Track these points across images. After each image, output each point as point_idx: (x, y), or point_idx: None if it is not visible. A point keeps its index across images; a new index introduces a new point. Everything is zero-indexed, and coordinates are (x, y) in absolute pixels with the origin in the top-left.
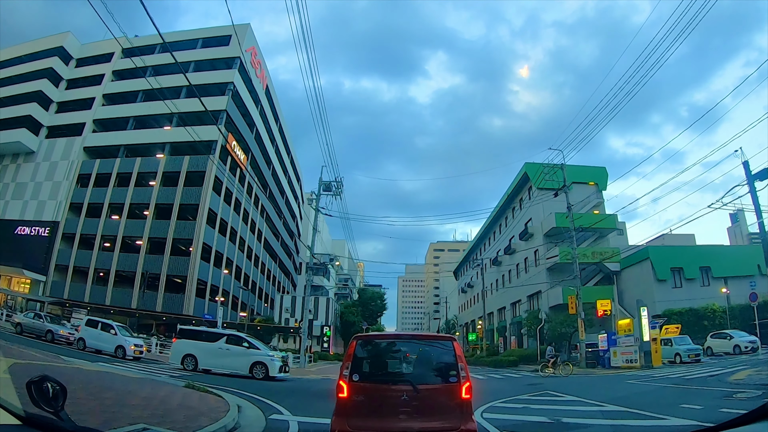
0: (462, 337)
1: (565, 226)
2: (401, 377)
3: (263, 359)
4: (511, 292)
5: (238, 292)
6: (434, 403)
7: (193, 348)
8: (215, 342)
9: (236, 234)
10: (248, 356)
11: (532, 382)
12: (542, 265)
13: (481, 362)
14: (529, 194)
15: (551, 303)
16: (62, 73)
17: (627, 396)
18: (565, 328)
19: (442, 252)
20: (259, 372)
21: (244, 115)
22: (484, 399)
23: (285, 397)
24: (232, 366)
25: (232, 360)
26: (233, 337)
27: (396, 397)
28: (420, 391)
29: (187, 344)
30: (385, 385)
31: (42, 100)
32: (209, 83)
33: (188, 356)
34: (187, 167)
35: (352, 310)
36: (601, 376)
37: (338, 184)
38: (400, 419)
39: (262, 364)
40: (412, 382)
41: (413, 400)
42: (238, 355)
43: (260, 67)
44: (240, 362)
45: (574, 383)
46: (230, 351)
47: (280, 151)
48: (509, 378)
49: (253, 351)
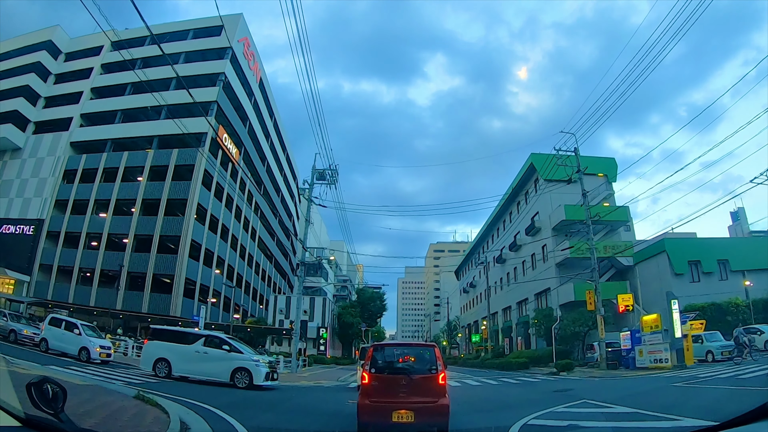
0: (464, 339)
1: (575, 219)
2: (401, 370)
3: (246, 365)
4: (516, 291)
5: (230, 292)
6: (422, 386)
7: (167, 351)
8: (192, 344)
9: (228, 232)
10: (229, 361)
11: (556, 387)
12: (551, 260)
13: (487, 365)
14: (535, 187)
15: (561, 300)
16: (50, 68)
17: (708, 405)
18: (578, 327)
19: (442, 253)
20: (241, 380)
21: (236, 109)
22: (512, 414)
23: (261, 412)
24: (210, 372)
25: (211, 365)
26: (212, 339)
27: (398, 382)
28: (413, 379)
29: (160, 347)
30: (391, 375)
31: (29, 95)
32: (199, 74)
33: (161, 360)
34: (176, 161)
35: (351, 311)
36: (633, 379)
37: (333, 173)
38: (400, 396)
39: (245, 371)
40: (408, 373)
41: (409, 385)
42: (218, 360)
43: (254, 59)
44: (219, 368)
45: (607, 388)
46: (208, 355)
47: (276, 148)
48: (526, 383)
49: (234, 355)
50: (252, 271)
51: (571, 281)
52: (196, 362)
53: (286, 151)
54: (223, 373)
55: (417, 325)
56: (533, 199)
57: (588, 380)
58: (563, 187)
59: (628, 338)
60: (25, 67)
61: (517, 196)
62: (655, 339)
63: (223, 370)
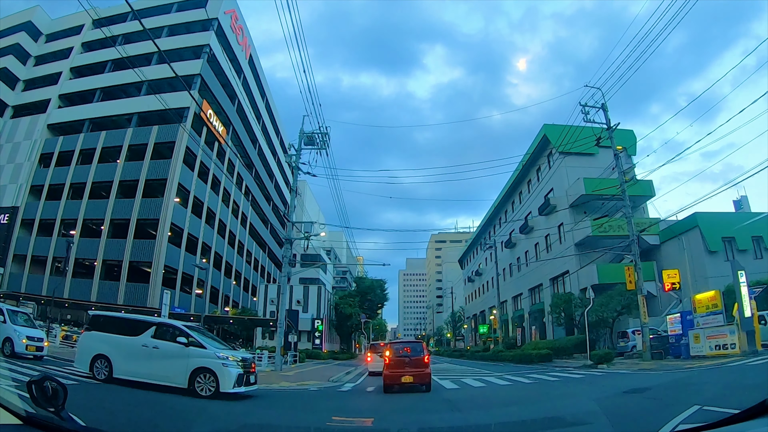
0: (470, 330)
1: (596, 193)
2: (404, 355)
3: (209, 363)
4: (528, 277)
5: (218, 282)
6: (416, 363)
7: (107, 345)
8: (138, 336)
9: (215, 216)
10: (185, 359)
11: (618, 385)
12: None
13: (501, 358)
14: (548, 162)
15: (583, 284)
16: (30, 50)
17: None
18: (606, 312)
19: (444, 243)
20: (204, 385)
21: (224, 86)
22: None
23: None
24: (161, 374)
25: (162, 365)
26: (165, 329)
27: (403, 362)
28: (411, 359)
29: (99, 339)
30: (399, 358)
31: (8, 78)
32: (183, 47)
33: (99, 358)
34: (156, 138)
35: (349, 301)
36: (714, 371)
37: (323, 136)
38: (405, 369)
39: (208, 372)
40: (408, 356)
41: (409, 363)
42: (171, 358)
43: (242, 33)
44: (173, 368)
45: (698, 384)
46: (159, 351)
47: (268, 131)
48: (569, 380)
49: (193, 350)
50: (243, 261)
51: (594, 262)
52: (143, 360)
53: (280, 135)
54: (178, 375)
55: (419, 318)
56: (547, 175)
57: (649, 374)
58: (581, 159)
59: (677, 322)
60: (3, 50)
61: (528, 173)
62: (714, 321)
63: (179, 372)
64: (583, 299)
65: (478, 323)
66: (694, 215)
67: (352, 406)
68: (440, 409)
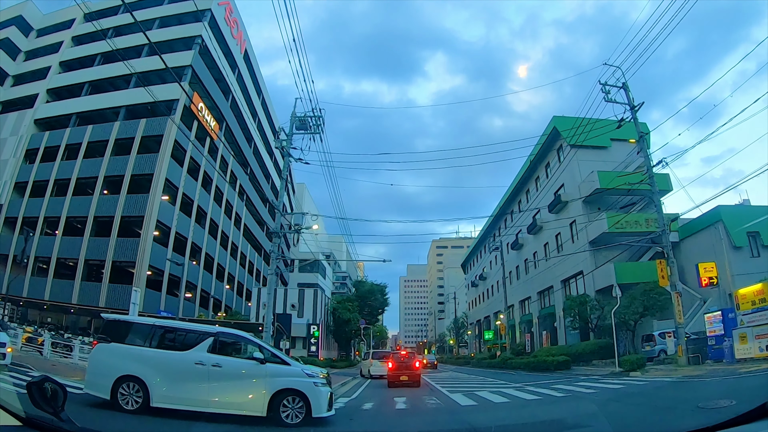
0: (474, 336)
1: (612, 187)
2: (402, 362)
3: (298, 384)
4: (537, 279)
5: (209, 285)
6: (410, 367)
7: (139, 363)
8: (189, 350)
9: (206, 216)
10: (263, 379)
11: (685, 395)
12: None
13: (511, 365)
14: (558, 157)
15: (598, 285)
16: (20, 45)
17: None
18: (627, 315)
19: (445, 249)
20: (292, 410)
21: (217, 80)
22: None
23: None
24: (226, 400)
25: (227, 388)
26: (229, 341)
27: (402, 366)
28: (407, 365)
29: (125, 354)
30: (399, 363)
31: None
32: (174, 38)
33: (127, 380)
34: (143, 132)
35: (348, 305)
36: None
37: (316, 119)
38: (403, 371)
39: (295, 395)
40: (405, 362)
41: (406, 367)
42: (241, 378)
43: (237, 26)
44: (245, 392)
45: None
46: (222, 370)
47: (264, 129)
48: (612, 391)
49: (272, 368)
50: (236, 264)
51: (611, 261)
52: (198, 383)
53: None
54: (252, 401)
55: (420, 324)
56: (557, 171)
57: (704, 382)
58: (593, 152)
59: (718, 321)
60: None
61: (536, 170)
62: (763, 317)
63: (256, 397)
64: (600, 301)
65: (483, 329)
66: (717, 208)
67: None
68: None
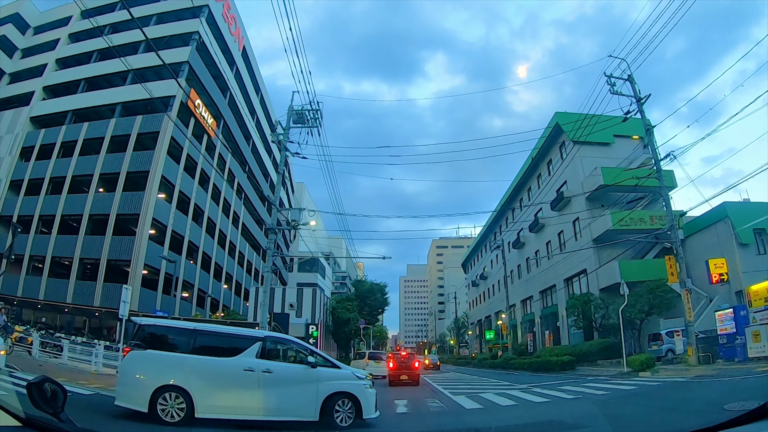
0: (475, 336)
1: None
2: (402, 361)
3: (350, 387)
4: (540, 278)
5: (206, 284)
6: (410, 367)
7: (181, 371)
8: (236, 356)
9: (203, 214)
10: (315, 384)
11: (718, 396)
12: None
13: (513, 366)
14: (561, 153)
15: (602, 284)
16: (17, 43)
17: None
18: (632, 313)
19: (445, 249)
20: (343, 413)
21: (215, 77)
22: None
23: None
24: (278, 406)
25: (279, 394)
26: (279, 347)
27: (402, 365)
28: (407, 365)
29: (164, 362)
30: (399, 363)
31: None
32: (171, 35)
33: (168, 390)
34: (139, 128)
35: (347, 305)
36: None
37: (314, 113)
38: (402, 370)
39: (345, 398)
40: (405, 362)
41: (405, 366)
42: (293, 384)
43: (235, 23)
44: (297, 397)
45: None
46: (273, 375)
47: (263, 127)
48: (624, 393)
49: (324, 372)
50: (234, 263)
51: (615, 259)
52: (248, 390)
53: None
54: (305, 406)
55: (420, 325)
56: (560, 168)
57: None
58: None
59: (729, 319)
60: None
61: (537, 167)
62: None
63: (306, 401)
64: (604, 300)
65: (484, 329)
66: (723, 205)
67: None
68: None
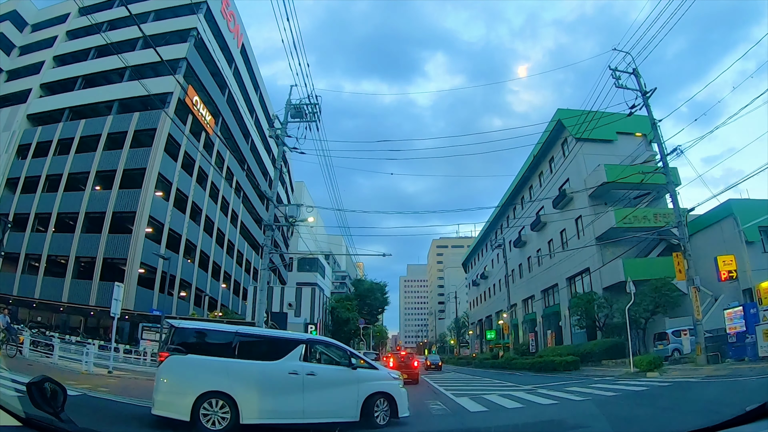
0: (475, 336)
1: (619, 180)
2: (402, 360)
3: (388, 387)
4: (541, 277)
5: (204, 284)
6: (409, 366)
7: (225, 377)
8: (280, 359)
9: (201, 212)
10: (356, 384)
11: (734, 397)
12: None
13: (515, 366)
14: (563, 151)
15: (605, 283)
16: (15, 41)
17: None
18: (637, 312)
19: (445, 248)
20: (381, 412)
21: (213, 75)
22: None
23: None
24: (322, 408)
25: (323, 396)
26: (321, 349)
27: (401, 365)
28: (406, 364)
29: (206, 368)
30: (400, 362)
31: None
32: (169, 31)
33: (211, 397)
34: (136, 125)
35: (347, 304)
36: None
37: (313, 107)
38: (402, 369)
39: (383, 397)
40: (404, 361)
41: (405, 366)
42: (336, 385)
43: (234, 20)
44: (340, 399)
45: None
46: (317, 378)
47: (262, 125)
48: (634, 394)
49: (363, 373)
50: (233, 262)
51: (619, 258)
52: (293, 394)
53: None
54: (347, 406)
55: (420, 325)
56: (562, 165)
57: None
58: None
59: (739, 317)
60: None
61: (539, 165)
62: None
63: (348, 402)
64: (608, 299)
65: (485, 329)
66: (728, 202)
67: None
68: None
